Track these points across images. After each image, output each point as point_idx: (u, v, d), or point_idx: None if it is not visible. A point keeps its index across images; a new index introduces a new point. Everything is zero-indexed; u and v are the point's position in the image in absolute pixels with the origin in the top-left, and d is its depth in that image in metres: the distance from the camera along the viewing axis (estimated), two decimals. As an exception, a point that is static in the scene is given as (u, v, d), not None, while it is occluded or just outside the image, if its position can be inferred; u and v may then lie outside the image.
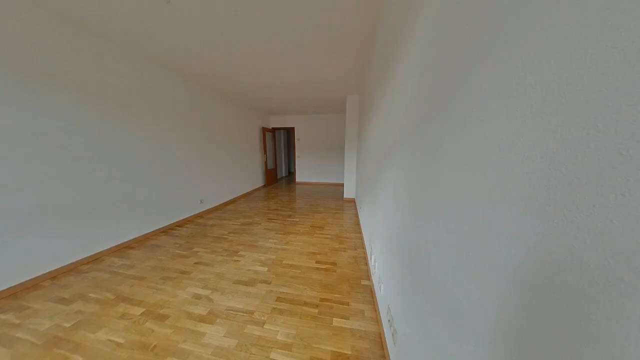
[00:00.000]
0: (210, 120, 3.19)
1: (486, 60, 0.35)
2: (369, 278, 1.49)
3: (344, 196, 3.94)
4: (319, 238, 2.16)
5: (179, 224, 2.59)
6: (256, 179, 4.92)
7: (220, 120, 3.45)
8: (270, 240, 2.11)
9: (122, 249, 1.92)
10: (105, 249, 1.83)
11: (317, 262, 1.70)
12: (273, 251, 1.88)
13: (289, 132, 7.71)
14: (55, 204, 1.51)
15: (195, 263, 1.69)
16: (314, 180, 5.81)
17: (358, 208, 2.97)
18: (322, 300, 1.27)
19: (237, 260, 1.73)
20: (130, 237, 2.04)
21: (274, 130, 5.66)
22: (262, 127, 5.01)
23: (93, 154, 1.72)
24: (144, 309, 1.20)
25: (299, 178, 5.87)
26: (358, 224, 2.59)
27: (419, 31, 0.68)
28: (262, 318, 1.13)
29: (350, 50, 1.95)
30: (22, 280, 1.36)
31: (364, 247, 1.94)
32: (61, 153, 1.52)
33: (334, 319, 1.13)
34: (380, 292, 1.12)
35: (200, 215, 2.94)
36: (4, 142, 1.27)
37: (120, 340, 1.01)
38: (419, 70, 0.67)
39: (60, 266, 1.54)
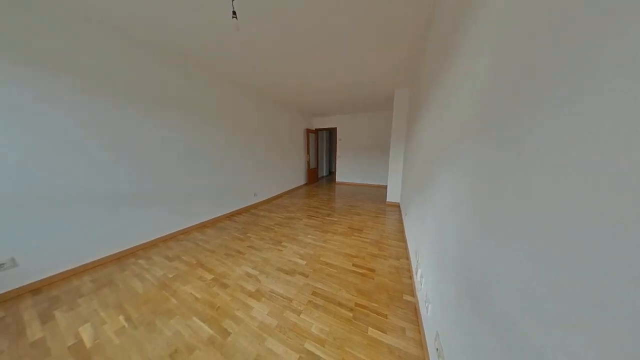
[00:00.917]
0: (262, 124, 3.67)
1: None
2: (412, 294, 1.32)
3: (387, 199, 3.65)
4: (357, 241, 2.10)
5: (238, 212, 3.12)
6: (299, 178, 5.28)
7: (270, 124, 3.91)
8: (309, 236, 2.23)
9: (201, 227, 2.51)
10: (191, 225, 2.44)
11: (353, 265, 1.66)
12: (311, 247, 1.98)
13: (331, 133, 7.84)
14: (166, 190, 2.14)
15: (248, 246, 2.00)
16: (354, 181, 5.68)
17: (403, 214, 2.69)
18: (357, 305, 1.23)
19: (280, 250, 1.92)
20: (206, 219, 2.63)
21: (317, 131, 5.90)
22: (306, 129, 5.32)
23: (187, 154, 2.33)
24: (213, 276, 1.52)
25: (339, 178, 5.88)
26: (402, 231, 2.34)
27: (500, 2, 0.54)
28: (299, 307, 1.21)
29: (401, 41, 1.78)
30: (149, 239, 2.02)
31: (408, 259, 1.74)
32: (171, 154, 2.15)
33: (370, 328, 1.08)
34: (427, 313, 0.98)
35: (254, 207, 3.44)
36: (146, 144, 1.91)
37: (198, 295, 1.33)
38: (497, 47, 0.53)
39: (167, 234, 2.18)
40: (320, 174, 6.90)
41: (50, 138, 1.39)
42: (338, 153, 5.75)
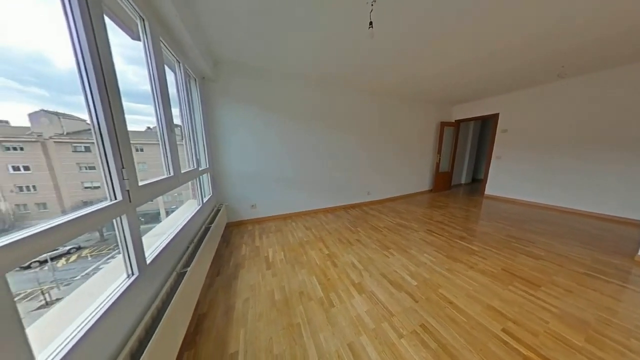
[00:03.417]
0: (383, 123, 3.60)
1: None
2: None
3: (641, 252, 1.68)
4: (519, 296, 1.27)
5: (351, 207, 3.48)
6: (421, 182, 4.44)
7: (392, 121, 3.70)
8: (425, 255, 1.81)
9: (324, 211, 3.21)
10: (319, 208, 3.22)
11: (504, 330, 1.04)
12: (427, 269, 1.59)
13: (485, 123, 5.41)
14: (308, 179, 3.04)
15: (356, 240, 2.16)
16: (529, 199, 3.44)
17: None
18: (503, 397, 0.77)
19: (387, 257, 1.80)
20: (328, 206, 3.30)
21: (457, 123, 4.43)
22: (441, 122, 4.22)
23: (322, 153, 3.07)
24: (329, 252, 1.89)
25: (492, 189, 3.94)
26: None
27: None
28: (401, 330, 1.06)
29: None
30: (298, 210, 3.03)
31: None
32: (314, 154, 2.99)
33: None
34: None
35: (365, 204, 3.60)
36: (300, 146, 2.88)
37: (318, 262, 1.74)
38: None
39: (306, 210, 3.11)
40: (456, 181, 5.18)
41: (267, 145, 2.66)
42: (496, 152, 3.82)
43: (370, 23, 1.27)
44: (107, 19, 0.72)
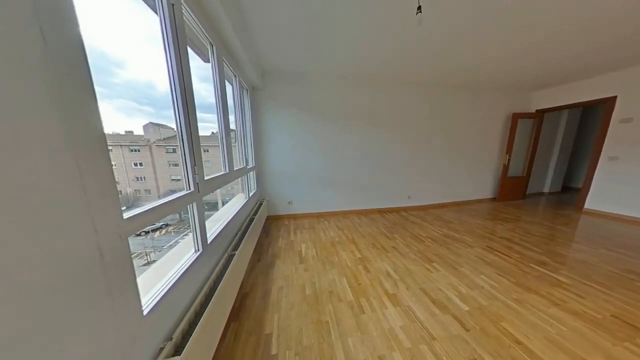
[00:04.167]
0: (433, 118, 3.15)
1: None
2: None
3: None
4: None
5: (388, 210, 3.22)
6: (481, 188, 3.67)
7: (444, 115, 3.20)
8: (482, 276, 1.49)
9: (358, 213, 3.11)
10: (353, 209, 3.13)
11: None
12: (485, 295, 1.31)
13: (587, 112, 3.97)
14: (343, 179, 3.00)
15: (392, 247, 1.99)
16: None
17: None
18: None
19: (430, 271, 1.58)
20: (361, 208, 3.16)
21: (540, 114, 3.42)
22: (513, 114, 3.36)
23: (359, 153, 2.97)
24: (361, 256, 1.82)
25: (597, 203, 2.86)
26: None
27: None
28: (444, 359, 0.91)
29: None
30: (330, 210, 3.05)
31: None
32: (349, 154, 2.94)
33: None
34: None
35: (405, 209, 3.27)
36: (335, 146, 2.87)
37: (349, 263, 1.70)
38: None
39: (339, 210, 3.08)
40: (534, 189, 4.03)
41: (303, 145, 2.78)
42: (608, 151, 2.75)
43: (419, 7, 1.13)
44: (189, 50, 0.93)
